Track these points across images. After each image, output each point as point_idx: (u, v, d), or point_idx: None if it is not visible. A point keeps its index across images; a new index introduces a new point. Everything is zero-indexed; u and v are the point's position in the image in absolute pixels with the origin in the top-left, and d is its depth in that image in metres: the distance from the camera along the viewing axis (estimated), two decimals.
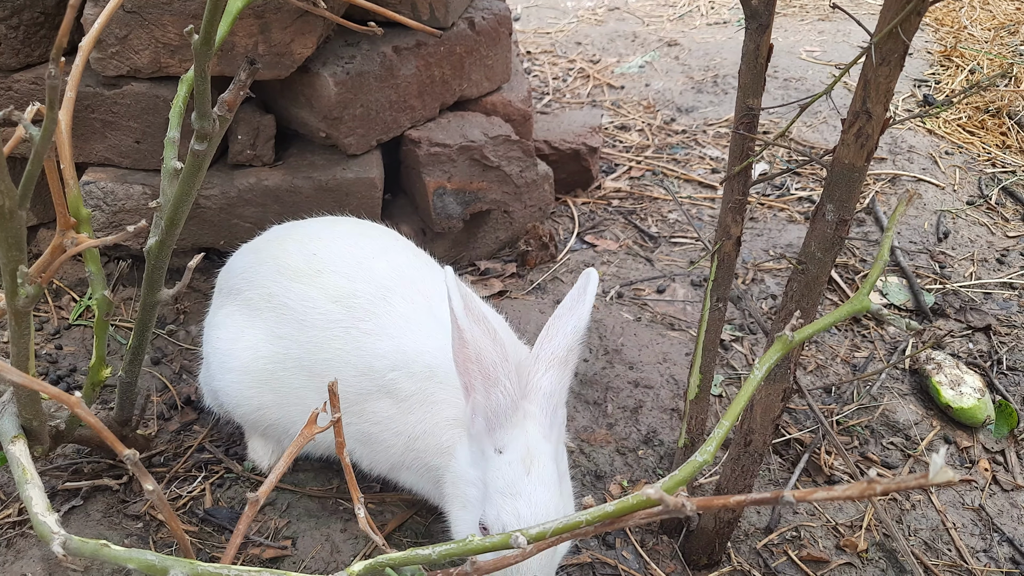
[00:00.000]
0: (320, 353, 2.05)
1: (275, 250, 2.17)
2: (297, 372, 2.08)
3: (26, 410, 1.81)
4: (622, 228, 3.58)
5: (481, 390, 1.73)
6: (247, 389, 2.13)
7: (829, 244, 1.71)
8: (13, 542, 2.11)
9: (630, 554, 2.20)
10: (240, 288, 2.17)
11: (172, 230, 1.87)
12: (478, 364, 1.72)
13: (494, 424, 1.74)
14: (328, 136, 2.80)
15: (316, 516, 2.22)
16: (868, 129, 1.58)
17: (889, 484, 1.17)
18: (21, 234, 1.50)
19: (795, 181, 3.94)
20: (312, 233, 2.21)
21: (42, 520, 1.53)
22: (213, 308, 2.30)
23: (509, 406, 1.72)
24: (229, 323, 2.18)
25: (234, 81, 1.70)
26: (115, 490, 2.25)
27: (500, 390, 1.72)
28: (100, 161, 2.74)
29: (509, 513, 1.68)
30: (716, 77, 4.94)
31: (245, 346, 2.14)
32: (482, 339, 1.72)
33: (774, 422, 1.95)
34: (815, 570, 2.16)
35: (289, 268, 2.10)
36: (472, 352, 1.72)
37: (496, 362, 1.73)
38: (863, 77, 1.52)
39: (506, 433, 1.73)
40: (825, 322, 1.39)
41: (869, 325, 3.05)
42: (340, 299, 2.05)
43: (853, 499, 1.20)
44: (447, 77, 3.05)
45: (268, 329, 2.11)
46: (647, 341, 2.90)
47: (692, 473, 1.29)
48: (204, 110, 1.70)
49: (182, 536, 1.60)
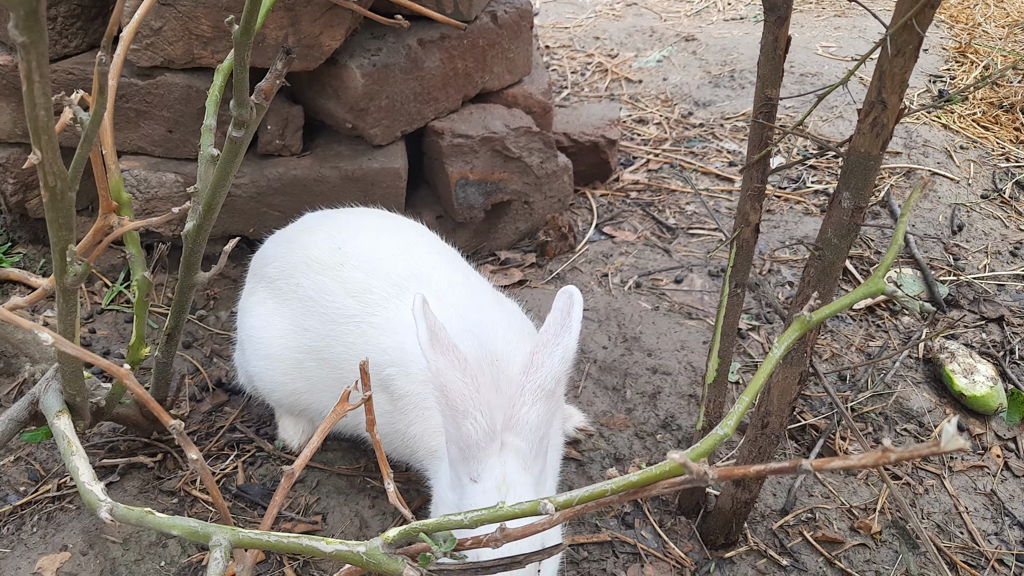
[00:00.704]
0: (337, 346, 2.09)
1: (305, 241, 2.22)
2: (321, 364, 2.14)
3: (70, 386, 1.89)
4: (640, 219, 3.63)
5: (451, 421, 1.67)
6: (281, 375, 2.20)
7: (845, 230, 1.76)
8: (53, 516, 2.19)
9: (648, 533, 2.26)
10: (272, 276, 2.24)
11: (209, 215, 1.94)
12: (444, 396, 1.65)
13: (467, 455, 1.67)
14: (354, 127, 2.86)
15: (345, 493, 2.29)
16: (883, 119, 1.63)
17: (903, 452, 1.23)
18: (70, 215, 1.57)
19: (811, 174, 3.98)
20: (341, 226, 2.26)
21: (89, 489, 1.61)
22: (246, 292, 2.37)
23: (482, 438, 1.65)
24: (261, 311, 2.25)
25: (271, 70, 1.77)
26: (150, 467, 2.33)
27: (470, 422, 1.65)
28: (133, 150, 2.82)
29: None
30: (733, 72, 4.98)
31: (276, 335, 2.20)
32: (448, 371, 1.65)
33: (790, 405, 2.01)
34: (830, 551, 2.21)
35: (316, 261, 2.15)
36: (438, 383, 1.65)
37: (465, 395, 1.65)
38: (879, 68, 1.57)
39: (480, 464, 1.66)
40: (842, 303, 1.44)
41: (883, 315, 3.09)
42: (357, 294, 2.08)
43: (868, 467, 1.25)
44: (470, 69, 3.11)
45: (295, 320, 2.17)
46: (665, 329, 2.95)
47: (713, 445, 1.34)
48: (242, 98, 1.76)
49: (222, 504, 1.67)
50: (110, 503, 1.55)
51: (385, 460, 1.66)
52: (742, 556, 2.21)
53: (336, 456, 2.41)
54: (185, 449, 1.56)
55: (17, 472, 2.32)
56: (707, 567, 2.17)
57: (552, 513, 1.37)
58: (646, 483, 1.37)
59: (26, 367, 2.51)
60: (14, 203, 2.99)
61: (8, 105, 2.76)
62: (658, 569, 2.17)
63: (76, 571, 2.02)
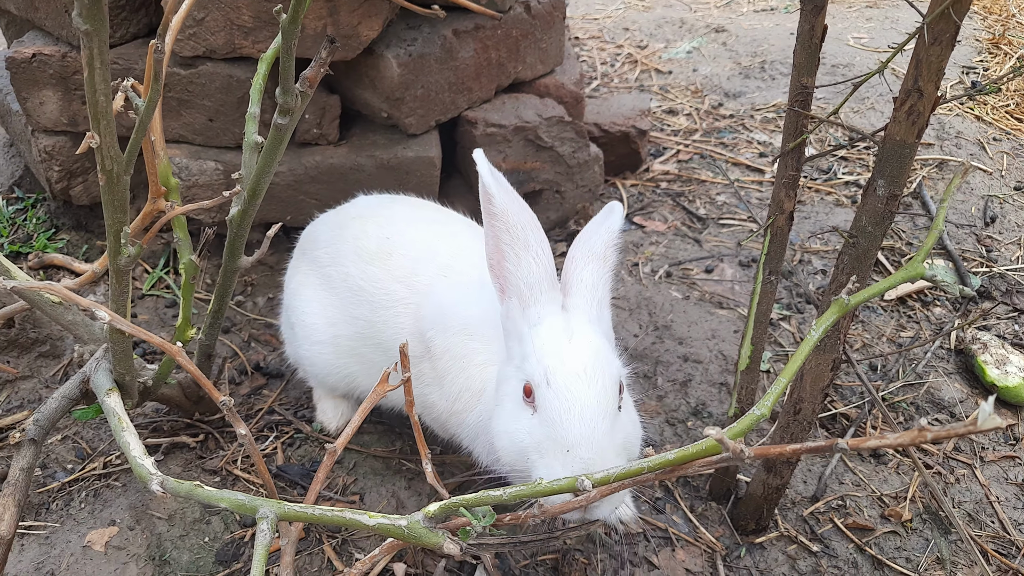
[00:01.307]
0: (387, 330, 2.15)
1: (356, 230, 2.27)
2: (375, 348, 2.20)
3: (120, 365, 1.95)
4: (670, 210, 3.65)
5: (512, 258, 1.71)
6: (335, 360, 2.25)
7: (880, 218, 1.77)
8: (100, 492, 2.26)
9: (680, 518, 2.29)
10: (323, 262, 2.28)
11: (253, 200, 1.99)
12: (507, 228, 1.71)
13: (528, 300, 1.71)
14: (390, 116, 2.91)
15: (381, 474, 2.34)
16: (919, 107, 1.64)
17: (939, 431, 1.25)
18: (125, 197, 1.63)
19: (842, 165, 3.98)
20: (391, 216, 2.30)
21: (141, 463, 1.66)
22: (293, 266, 2.42)
23: (544, 278, 1.71)
24: (310, 294, 2.30)
25: (315, 59, 1.81)
26: (192, 447, 2.39)
27: (532, 256, 1.70)
28: (175, 138, 2.89)
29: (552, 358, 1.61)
30: (764, 63, 4.97)
31: (327, 322, 2.26)
32: (511, 204, 1.73)
33: (823, 391, 2.02)
34: (860, 537, 2.23)
35: (366, 251, 2.20)
36: (500, 216, 1.72)
37: (526, 224, 1.72)
38: (915, 56, 1.58)
39: (542, 308, 1.71)
40: (880, 286, 1.46)
41: (915, 306, 3.09)
42: (403, 279, 2.14)
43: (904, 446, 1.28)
44: (503, 60, 3.14)
45: (345, 309, 2.22)
46: (696, 318, 2.97)
47: (750, 425, 1.37)
48: (288, 86, 1.81)
49: (268, 477, 1.73)
50: (161, 476, 1.60)
51: (423, 441, 1.71)
52: (772, 542, 2.23)
53: (372, 439, 2.46)
54: (234, 425, 1.62)
55: (64, 450, 2.40)
56: (738, 552, 2.19)
57: (590, 489, 1.41)
58: (683, 461, 1.41)
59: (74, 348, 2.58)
60: (59, 190, 3.06)
61: (55, 94, 2.83)
62: (689, 553, 2.20)
63: (124, 545, 2.08)
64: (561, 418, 1.55)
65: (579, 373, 1.60)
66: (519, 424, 1.66)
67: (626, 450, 1.66)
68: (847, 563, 2.16)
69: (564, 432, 1.55)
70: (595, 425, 1.55)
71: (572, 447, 1.53)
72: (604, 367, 1.63)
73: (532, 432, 1.62)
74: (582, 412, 1.55)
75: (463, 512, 1.49)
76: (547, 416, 1.59)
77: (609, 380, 1.63)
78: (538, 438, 1.60)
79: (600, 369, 1.62)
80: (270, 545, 1.49)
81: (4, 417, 2.46)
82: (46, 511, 2.20)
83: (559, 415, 1.56)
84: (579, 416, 1.55)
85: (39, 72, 2.79)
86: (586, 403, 1.56)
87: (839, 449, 1.28)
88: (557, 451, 1.55)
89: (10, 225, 3.24)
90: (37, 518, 2.18)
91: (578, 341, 1.64)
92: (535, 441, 1.61)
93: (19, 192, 3.42)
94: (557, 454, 1.55)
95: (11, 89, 3.03)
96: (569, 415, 1.55)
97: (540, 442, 1.60)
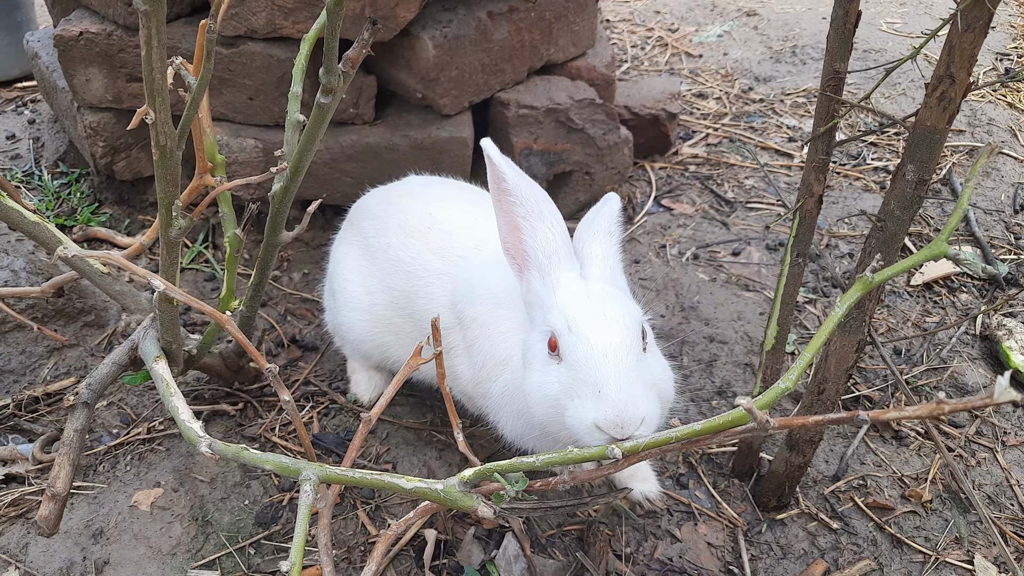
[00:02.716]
0: (419, 299, 2.21)
1: (402, 205, 2.34)
2: (407, 319, 2.27)
3: (167, 333, 2.03)
4: (698, 193, 3.68)
5: (528, 231, 1.80)
6: (371, 328, 2.33)
7: (908, 203, 1.81)
8: (144, 456, 2.36)
9: (703, 494, 2.35)
10: (368, 233, 2.36)
11: (296, 177, 2.06)
12: (520, 202, 1.80)
13: (547, 268, 1.78)
14: (424, 97, 2.96)
15: (413, 445, 2.42)
16: (951, 93, 1.67)
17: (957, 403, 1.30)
18: (177, 171, 1.70)
19: (871, 151, 3.98)
20: (437, 195, 2.37)
21: (189, 426, 1.74)
22: (340, 236, 2.50)
23: (560, 246, 1.79)
24: (352, 263, 2.37)
25: (357, 39, 1.87)
26: (232, 415, 2.48)
27: (547, 226, 1.79)
28: (216, 116, 2.96)
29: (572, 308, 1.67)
30: (795, 47, 4.96)
31: (365, 291, 2.33)
32: (523, 181, 1.82)
33: (847, 372, 2.06)
34: (880, 516, 2.27)
35: (408, 224, 2.27)
36: (513, 192, 1.80)
37: (538, 198, 1.81)
38: (948, 42, 1.61)
39: (561, 273, 1.78)
40: (904, 264, 1.50)
41: (941, 292, 3.11)
42: (439, 251, 2.20)
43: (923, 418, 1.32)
44: (536, 42, 3.18)
45: (384, 279, 2.29)
46: (722, 300, 3.02)
47: (776, 397, 1.42)
48: (331, 66, 1.86)
49: (307, 442, 1.80)
50: (208, 439, 1.68)
51: (455, 411, 1.77)
52: (793, 518, 2.28)
53: (404, 411, 2.54)
54: (278, 390, 1.69)
55: (110, 416, 2.50)
56: (759, 528, 2.25)
57: (619, 458, 1.47)
58: (709, 432, 1.46)
59: (121, 317, 2.68)
60: (103, 165, 3.15)
61: (100, 72, 2.92)
62: (711, 528, 2.26)
63: (168, 505, 2.18)
64: (587, 359, 1.58)
65: (600, 316, 1.64)
66: (547, 376, 1.68)
67: (656, 387, 1.67)
68: (866, 541, 2.21)
69: (591, 372, 1.58)
70: (620, 361, 1.58)
71: (601, 386, 1.56)
72: (624, 311, 1.68)
73: (561, 379, 1.64)
74: (606, 351, 1.58)
75: (496, 477, 1.56)
76: (573, 360, 1.62)
77: (631, 321, 1.67)
78: (567, 384, 1.62)
79: (620, 312, 1.67)
80: (312, 506, 1.56)
81: (52, 383, 2.56)
82: (94, 473, 2.30)
83: (585, 357, 1.59)
84: (603, 355, 1.58)
85: (86, 50, 2.87)
86: (609, 342, 1.59)
87: (860, 420, 1.33)
88: (588, 392, 1.58)
89: (55, 199, 3.34)
90: (86, 479, 2.28)
91: (596, 294, 1.71)
92: (564, 387, 1.63)
93: (64, 167, 3.52)
94: (588, 395, 1.58)
95: (58, 66, 3.12)
96: (594, 354, 1.59)
97: (570, 387, 1.62)
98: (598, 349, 1.59)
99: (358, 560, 2.08)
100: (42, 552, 2.07)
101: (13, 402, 2.46)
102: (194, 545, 2.10)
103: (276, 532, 2.15)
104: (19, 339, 2.66)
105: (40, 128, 3.84)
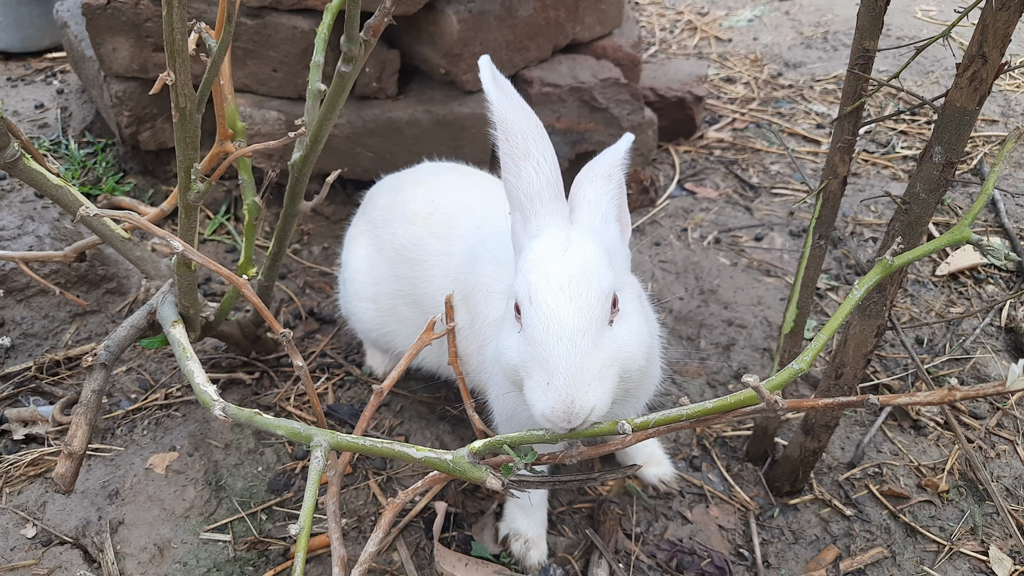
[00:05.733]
0: (421, 284, 2.19)
1: (407, 194, 2.31)
2: (412, 307, 2.26)
3: (185, 298, 2.05)
4: (723, 177, 3.64)
5: (512, 169, 1.62)
6: (378, 317, 2.33)
7: (934, 185, 1.77)
8: (161, 421, 2.38)
9: (715, 477, 2.33)
10: (376, 222, 2.35)
11: (315, 146, 2.06)
12: (506, 137, 1.61)
13: (529, 212, 1.61)
14: (447, 72, 2.95)
15: (426, 418, 2.43)
16: (983, 73, 1.63)
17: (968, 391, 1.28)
18: (196, 135, 1.71)
19: (901, 139, 3.92)
20: (442, 184, 2.34)
21: (204, 390, 1.75)
22: (353, 224, 2.49)
23: (544, 188, 1.61)
24: (361, 252, 2.37)
25: (380, 8, 1.86)
26: (248, 383, 2.50)
27: (532, 165, 1.61)
28: (240, 87, 2.97)
29: (537, 272, 1.52)
30: (827, 33, 4.89)
31: (372, 280, 2.33)
32: (512, 111, 1.62)
33: (866, 357, 2.04)
34: (895, 504, 2.25)
35: (412, 212, 2.24)
36: (499, 125, 1.62)
37: (527, 132, 1.62)
38: (981, 21, 1.57)
39: (542, 220, 1.61)
40: (926, 248, 1.47)
41: (967, 283, 3.06)
42: (440, 233, 2.18)
43: (935, 404, 1.30)
44: (561, 20, 3.15)
45: (389, 268, 2.28)
46: (742, 284, 2.99)
47: (789, 378, 1.40)
48: (352, 34, 1.86)
49: (319, 409, 1.81)
50: (223, 403, 1.69)
51: (467, 389, 1.77)
52: (806, 504, 2.26)
53: (418, 385, 2.54)
54: (292, 356, 1.70)
55: (129, 381, 2.52)
56: (771, 512, 2.23)
57: (628, 433, 1.46)
58: (720, 411, 1.44)
59: (141, 284, 2.70)
60: (128, 135, 3.18)
61: (127, 41, 2.93)
62: (723, 511, 2.24)
63: (183, 469, 2.20)
64: (541, 338, 1.47)
65: (562, 287, 1.50)
66: (510, 341, 1.58)
67: (618, 362, 1.54)
68: (880, 528, 2.19)
69: (543, 353, 1.47)
70: (574, 344, 1.47)
71: (550, 374, 1.45)
72: (591, 280, 1.52)
73: (519, 350, 1.54)
74: (560, 332, 1.47)
75: (506, 450, 1.56)
76: (529, 335, 1.50)
77: (595, 294, 1.51)
78: (524, 357, 1.52)
79: (586, 282, 1.51)
80: (323, 472, 1.57)
81: (73, 348, 2.59)
82: (111, 436, 2.33)
83: (539, 335, 1.48)
84: (557, 337, 1.47)
85: (113, 19, 2.88)
86: (564, 321, 1.47)
87: (871, 404, 1.32)
88: (538, 375, 1.48)
89: (81, 168, 3.37)
90: (103, 442, 2.31)
91: (572, 252, 1.54)
92: (522, 360, 1.53)
93: (90, 136, 3.56)
94: (538, 379, 1.47)
95: (85, 36, 3.14)
96: (547, 334, 1.47)
97: (525, 362, 1.52)
98: (552, 329, 1.47)
99: (368, 529, 2.09)
100: (59, 510, 2.10)
101: (35, 365, 2.50)
102: (207, 508, 2.12)
103: (288, 499, 2.16)
104: (42, 304, 2.69)
105: (68, 98, 3.87)
